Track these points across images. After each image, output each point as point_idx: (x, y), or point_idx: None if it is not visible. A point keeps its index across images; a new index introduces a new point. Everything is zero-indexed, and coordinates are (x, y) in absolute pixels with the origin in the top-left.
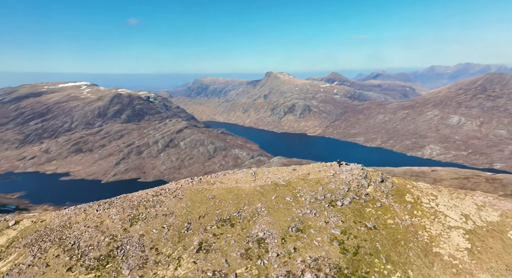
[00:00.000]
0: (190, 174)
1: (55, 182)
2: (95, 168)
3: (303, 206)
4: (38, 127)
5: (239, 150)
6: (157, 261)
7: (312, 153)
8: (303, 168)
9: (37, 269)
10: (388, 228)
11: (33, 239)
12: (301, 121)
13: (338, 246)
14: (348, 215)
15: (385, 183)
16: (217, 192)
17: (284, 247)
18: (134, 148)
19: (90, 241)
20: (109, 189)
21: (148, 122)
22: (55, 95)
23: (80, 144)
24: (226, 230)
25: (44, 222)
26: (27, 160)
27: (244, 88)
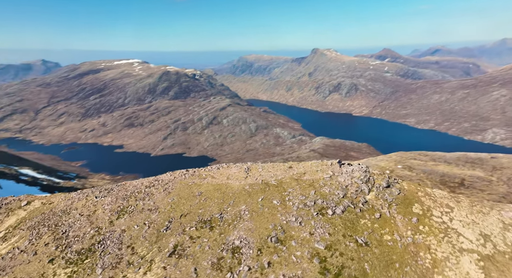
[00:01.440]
0: (232, 151)
1: (111, 153)
2: (145, 142)
3: (289, 212)
4: (96, 102)
5: (281, 129)
6: (130, 262)
7: (357, 134)
8: (301, 166)
9: (26, 256)
10: (383, 246)
11: (37, 222)
12: (347, 100)
13: (318, 264)
14: (338, 226)
15: (390, 189)
16: (206, 188)
17: (259, 260)
18: (180, 124)
19: (78, 231)
20: (157, 162)
21: (194, 100)
22: (110, 72)
23: (132, 118)
24: (204, 233)
25: (52, 205)
26: (87, 132)
27: (288, 66)
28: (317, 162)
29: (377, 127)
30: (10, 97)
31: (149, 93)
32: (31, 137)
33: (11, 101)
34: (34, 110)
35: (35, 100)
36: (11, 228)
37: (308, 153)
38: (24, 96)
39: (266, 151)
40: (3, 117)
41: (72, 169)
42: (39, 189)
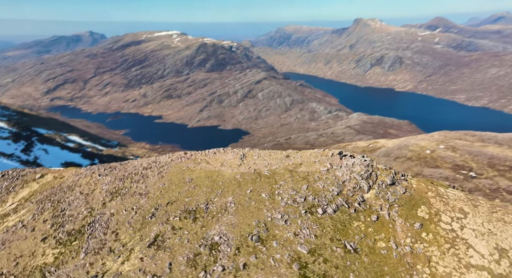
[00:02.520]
0: (266, 125)
1: (151, 123)
2: (182, 113)
3: (276, 208)
4: (137, 74)
5: (317, 103)
6: (112, 249)
7: (398, 110)
8: (299, 155)
9: (24, 231)
10: (374, 254)
11: (45, 196)
12: (389, 74)
13: (297, 270)
14: (326, 228)
15: (395, 187)
16: (197, 174)
17: (235, 260)
18: (216, 97)
19: (74, 210)
20: (194, 133)
21: (230, 72)
22: (151, 44)
23: (170, 90)
24: (186, 224)
25: (62, 179)
26: (129, 102)
27: (328, 38)
28: (318, 151)
29: (421, 104)
30: (62, 68)
31: (187, 65)
32: (80, 105)
33: (63, 71)
34: (83, 80)
35: (84, 70)
36: (23, 200)
37: (343, 129)
38: (74, 66)
39: (300, 126)
40: (57, 86)
41: (115, 137)
42: (81, 156)
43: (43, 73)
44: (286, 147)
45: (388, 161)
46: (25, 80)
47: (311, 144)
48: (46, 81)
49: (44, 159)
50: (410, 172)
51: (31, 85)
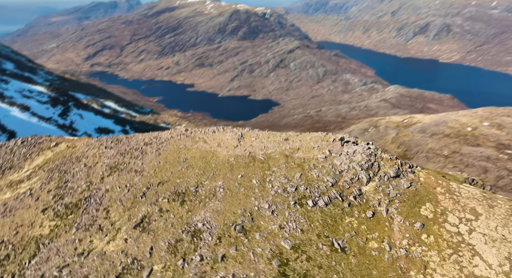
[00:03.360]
0: (297, 96)
1: (183, 91)
2: (214, 82)
3: (265, 197)
4: (171, 41)
5: (351, 75)
6: (101, 227)
7: (441, 83)
8: (298, 139)
9: (29, 200)
10: (364, 255)
11: (55, 165)
12: (434, 44)
13: (276, 267)
14: (315, 222)
15: (398, 180)
16: (192, 154)
17: (215, 251)
18: (247, 66)
19: (75, 183)
20: (224, 102)
21: (262, 41)
22: (184, 10)
23: (202, 58)
24: (173, 207)
25: (74, 149)
26: (163, 70)
27: (368, 4)
28: (319, 135)
29: (467, 77)
30: (101, 34)
31: (219, 33)
32: (117, 72)
33: (101, 38)
34: (120, 47)
35: (120, 37)
36: (37, 168)
37: (378, 102)
38: (112, 33)
39: (332, 98)
40: (96, 53)
41: (149, 104)
42: (113, 121)
43: (84, 40)
44: (316, 119)
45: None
46: (68, 46)
47: (342, 117)
48: (86, 48)
49: (79, 124)
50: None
51: (73, 51)
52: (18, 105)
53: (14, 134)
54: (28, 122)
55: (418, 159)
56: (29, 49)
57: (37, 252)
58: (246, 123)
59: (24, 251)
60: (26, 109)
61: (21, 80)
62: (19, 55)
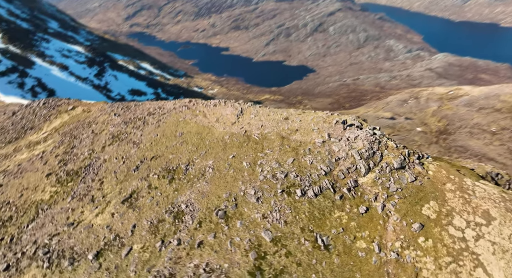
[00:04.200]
0: (334, 63)
1: (218, 55)
2: (249, 46)
3: (253, 182)
4: (208, 1)
5: (395, 40)
6: (94, 198)
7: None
8: (299, 119)
9: (38, 163)
10: (349, 255)
11: (69, 129)
12: (498, 5)
13: (253, 260)
14: (300, 214)
15: (402, 173)
16: (189, 129)
17: (193, 235)
18: (284, 30)
19: (80, 149)
20: (258, 67)
21: (301, 2)
22: None
23: (238, 21)
24: (162, 185)
25: (89, 114)
26: (199, 32)
27: None
28: (322, 116)
29: None
30: None
31: None
32: (155, 33)
33: None
34: (157, 7)
35: None
36: (54, 130)
37: (422, 71)
38: None
39: (372, 66)
40: (135, 13)
41: (184, 67)
42: (146, 84)
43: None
44: (352, 88)
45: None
46: (109, 5)
47: (381, 87)
48: (126, 7)
49: (113, 85)
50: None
51: (114, 11)
52: (58, 64)
53: (54, 93)
54: (66, 82)
55: (460, 134)
56: (74, 8)
57: (36, 217)
58: (280, 89)
59: (24, 215)
60: (65, 69)
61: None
62: (63, 14)
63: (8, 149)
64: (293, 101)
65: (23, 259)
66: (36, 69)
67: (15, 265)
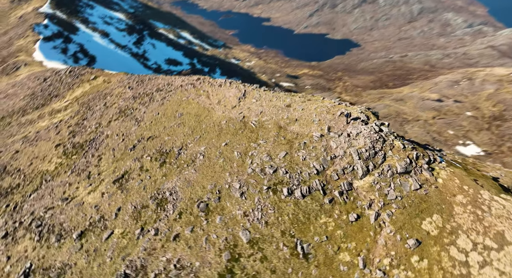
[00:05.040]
0: (382, 37)
1: (259, 26)
2: (291, 17)
3: (240, 175)
4: None
5: (454, 13)
6: (90, 175)
7: None
8: (301, 107)
9: (52, 133)
10: (329, 268)
11: (87, 99)
12: None
13: (225, 262)
14: (284, 216)
15: (406, 179)
16: (189, 110)
17: (172, 227)
18: (329, 0)
19: (89, 122)
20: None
21: None
22: None
23: None
24: (153, 167)
25: (108, 84)
26: (241, 1)
27: None
28: (327, 106)
29: None
30: None
31: None
32: (197, 1)
33: None
34: None
35: None
36: (74, 100)
37: (482, 49)
38: None
39: (424, 42)
40: None
41: (224, 37)
42: (182, 54)
43: None
44: (399, 66)
45: None
46: None
47: (431, 65)
48: None
49: (151, 53)
50: None
51: None
52: (100, 31)
53: (94, 60)
54: (107, 49)
55: None
56: None
57: (39, 187)
58: (320, 64)
59: (30, 184)
60: (106, 36)
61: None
62: None
63: (34, 115)
64: (332, 77)
65: (20, 229)
66: (80, 35)
67: (12, 234)
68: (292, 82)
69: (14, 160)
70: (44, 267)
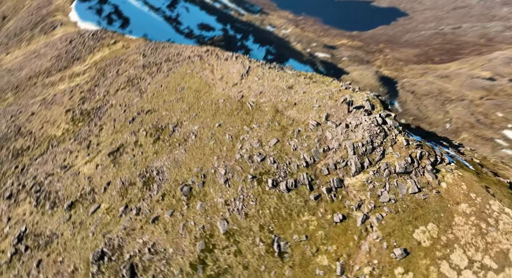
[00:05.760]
0: (434, 5)
1: None
2: None
3: (227, 160)
4: None
5: None
6: (90, 144)
7: None
8: (303, 90)
9: (66, 97)
10: (304, 270)
11: (105, 64)
12: None
13: (198, 251)
14: (265, 209)
15: (404, 180)
16: (190, 84)
17: (153, 208)
18: None
19: (100, 89)
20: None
21: None
22: None
23: None
24: (146, 143)
25: (126, 50)
26: None
27: None
28: (331, 90)
29: None
30: None
31: None
32: None
33: None
34: None
35: None
36: (94, 64)
37: None
38: None
39: (483, 11)
40: None
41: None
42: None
43: None
44: (449, 39)
45: None
46: None
47: (488, 38)
48: None
49: (184, 17)
50: None
51: None
52: None
53: (128, 22)
54: (140, 11)
55: None
56: None
57: (45, 152)
58: (361, 34)
59: (38, 148)
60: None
61: None
62: None
63: (56, 77)
64: (373, 49)
65: (22, 192)
66: None
67: (15, 196)
68: (328, 53)
69: (29, 122)
70: (36, 233)
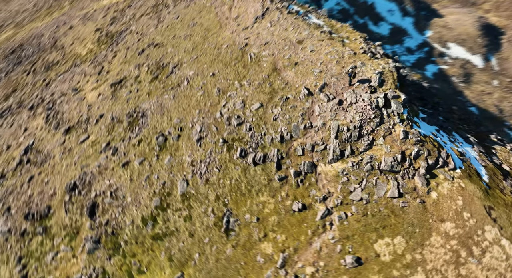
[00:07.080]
0: None
1: None
2: None
3: (208, 116)
4: None
5: None
6: (102, 70)
7: None
8: (311, 48)
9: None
10: (246, 253)
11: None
12: None
13: (153, 207)
14: (225, 179)
15: (385, 180)
16: (205, 20)
17: (128, 152)
18: None
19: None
20: None
21: None
22: None
23: None
24: (145, 80)
25: None
26: None
27: None
28: (344, 52)
29: None
30: None
31: None
32: None
33: None
34: None
35: None
36: None
37: None
38: None
39: None
40: None
41: None
42: None
43: None
44: None
45: None
46: None
47: None
48: None
49: None
50: None
51: None
52: None
53: None
54: None
55: None
56: None
57: (68, 69)
58: None
59: (64, 64)
60: None
61: None
62: None
63: None
64: None
65: (41, 106)
66: None
67: (35, 108)
68: None
69: (64, 36)
70: (38, 149)
